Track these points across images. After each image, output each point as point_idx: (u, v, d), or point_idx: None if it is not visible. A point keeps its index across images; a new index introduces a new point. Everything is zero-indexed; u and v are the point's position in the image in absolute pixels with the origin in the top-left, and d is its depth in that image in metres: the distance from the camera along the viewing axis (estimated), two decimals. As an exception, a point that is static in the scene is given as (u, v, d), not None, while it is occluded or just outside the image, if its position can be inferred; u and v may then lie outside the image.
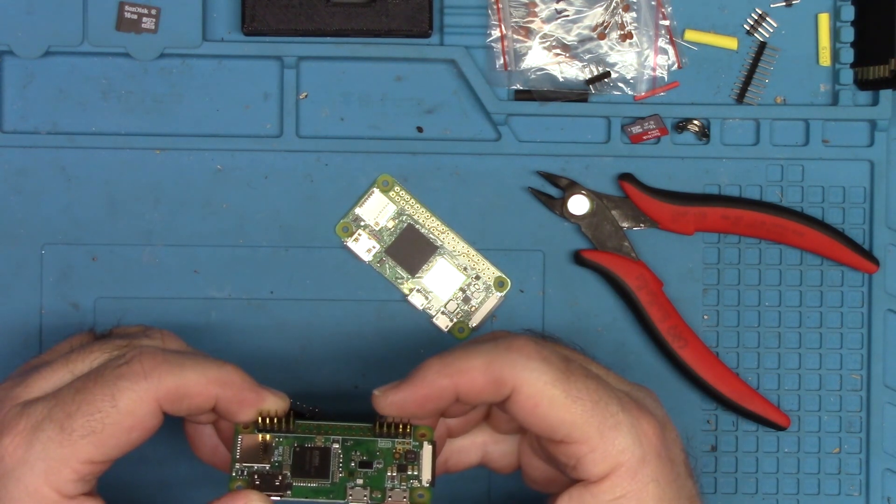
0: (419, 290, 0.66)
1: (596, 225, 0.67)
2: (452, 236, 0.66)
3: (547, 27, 0.66)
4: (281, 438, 0.57)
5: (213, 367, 0.55)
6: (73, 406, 0.52)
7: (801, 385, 0.67)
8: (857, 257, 0.66)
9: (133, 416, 0.53)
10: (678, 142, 0.67)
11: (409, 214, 0.66)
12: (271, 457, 0.56)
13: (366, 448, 0.57)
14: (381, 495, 0.57)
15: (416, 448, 0.57)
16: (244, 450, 0.56)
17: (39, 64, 0.66)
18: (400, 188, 0.66)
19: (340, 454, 0.57)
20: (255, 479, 0.56)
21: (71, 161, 0.66)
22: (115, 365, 0.53)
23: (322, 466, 0.57)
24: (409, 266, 0.66)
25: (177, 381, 0.53)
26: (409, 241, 0.66)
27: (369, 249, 0.66)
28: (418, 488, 0.57)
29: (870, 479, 0.67)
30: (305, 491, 0.56)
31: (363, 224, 0.66)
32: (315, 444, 0.57)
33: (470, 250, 0.66)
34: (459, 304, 0.66)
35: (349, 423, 0.58)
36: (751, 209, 0.66)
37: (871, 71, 0.65)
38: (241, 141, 0.66)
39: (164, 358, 0.54)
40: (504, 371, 0.54)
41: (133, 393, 0.53)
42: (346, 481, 0.57)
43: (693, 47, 0.67)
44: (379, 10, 0.65)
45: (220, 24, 0.66)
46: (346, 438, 0.57)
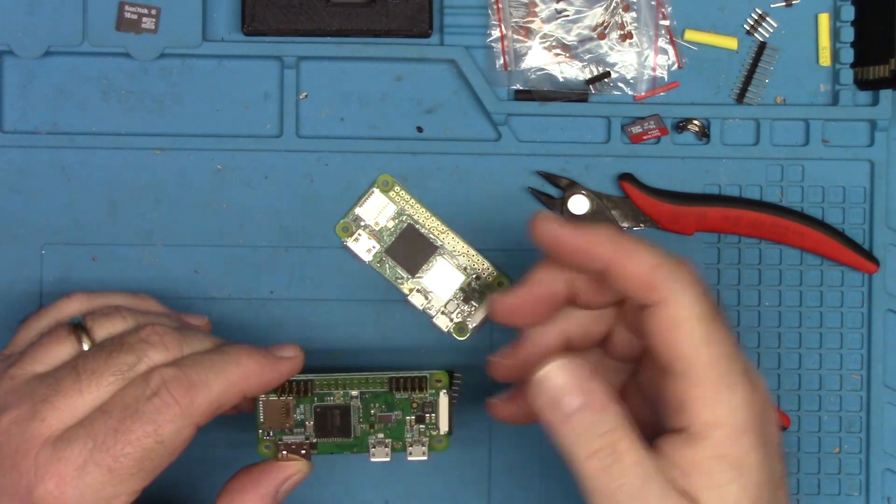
0: (419, 290, 0.66)
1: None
2: (452, 236, 0.66)
3: (547, 27, 0.66)
4: (300, 396, 0.58)
5: (232, 367, 0.55)
6: (117, 448, 0.53)
7: (801, 385, 0.67)
8: (857, 257, 0.66)
9: (175, 444, 0.54)
10: (678, 142, 0.67)
11: (409, 214, 0.66)
12: (293, 417, 0.58)
13: (384, 401, 0.59)
14: (401, 445, 0.59)
15: (433, 397, 0.59)
16: (267, 413, 0.58)
17: (39, 64, 0.66)
18: (400, 188, 0.66)
19: (360, 409, 0.59)
20: (282, 447, 0.58)
21: (71, 161, 0.66)
22: (145, 397, 0.53)
23: (344, 424, 0.59)
24: (409, 266, 0.66)
25: (210, 401, 0.55)
26: (409, 241, 0.66)
27: (369, 249, 0.66)
28: (437, 436, 0.59)
29: (870, 479, 0.67)
30: (329, 447, 0.59)
31: (363, 224, 0.66)
32: (335, 402, 0.59)
33: (470, 250, 0.66)
34: (459, 304, 0.66)
35: (366, 374, 0.59)
36: (751, 209, 0.66)
37: (871, 71, 0.65)
38: (241, 141, 0.66)
39: (189, 381, 0.54)
40: (665, 281, 0.52)
41: (174, 425, 0.54)
42: (368, 435, 0.59)
43: (693, 47, 0.67)
44: (379, 10, 0.65)
45: (220, 24, 0.66)
46: (364, 392, 0.58)
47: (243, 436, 0.63)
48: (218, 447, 0.65)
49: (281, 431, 0.59)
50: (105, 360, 0.55)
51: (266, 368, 0.57)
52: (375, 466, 0.67)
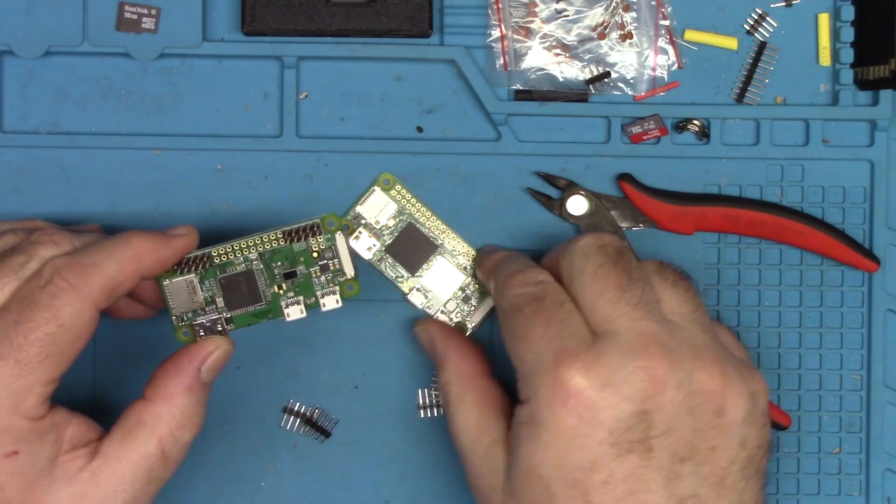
0: (419, 288, 0.66)
1: (595, 225, 0.67)
2: (452, 236, 0.66)
3: (547, 27, 0.66)
4: (203, 272, 0.59)
5: (123, 246, 0.57)
6: (20, 337, 0.54)
7: (801, 385, 0.67)
8: (857, 256, 0.66)
9: (78, 327, 0.55)
10: (678, 142, 0.67)
11: (410, 213, 0.66)
12: (201, 293, 0.59)
13: (284, 256, 0.60)
14: (314, 300, 0.61)
15: (331, 242, 0.60)
16: (174, 296, 0.59)
17: (39, 64, 0.66)
18: (401, 187, 0.66)
19: (264, 271, 0.59)
20: (199, 329, 0.60)
21: (71, 161, 0.66)
22: (39, 287, 0.55)
23: (251, 290, 0.60)
24: (409, 265, 0.66)
25: (105, 280, 0.56)
26: (409, 240, 0.66)
27: (370, 247, 0.66)
28: (345, 281, 0.60)
29: (870, 479, 0.67)
30: (246, 318, 0.60)
31: (364, 222, 0.66)
32: (237, 270, 0.60)
33: (470, 250, 0.66)
34: (459, 303, 0.66)
35: (258, 235, 0.60)
36: (751, 209, 0.66)
37: (871, 71, 0.65)
38: (241, 141, 0.66)
39: (80, 264, 0.55)
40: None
41: (72, 307, 0.55)
42: (278, 297, 0.60)
43: (693, 47, 0.67)
44: (379, 10, 0.65)
45: (220, 24, 0.66)
46: (263, 252, 0.59)
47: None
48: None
49: (194, 314, 0.60)
50: (0, 264, 0.56)
51: (158, 245, 0.58)
52: (374, 465, 0.67)
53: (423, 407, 0.67)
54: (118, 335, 0.66)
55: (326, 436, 0.66)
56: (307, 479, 0.67)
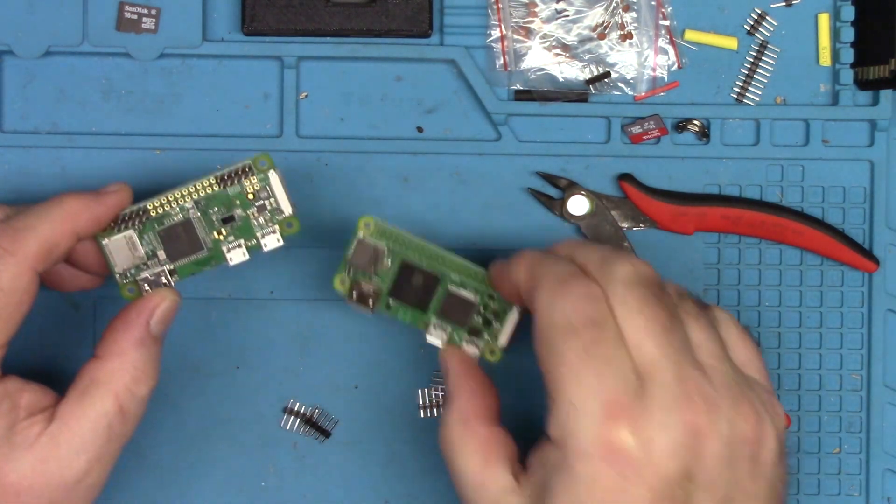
0: (436, 324, 0.62)
1: (596, 225, 0.67)
2: (451, 260, 0.61)
3: (547, 27, 0.66)
4: (140, 226, 0.60)
5: (55, 208, 0.57)
6: None
7: (801, 385, 0.67)
8: (857, 256, 0.66)
9: (18, 291, 0.55)
10: (678, 142, 0.67)
11: (400, 249, 0.61)
12: (141, 248, 0.60)
13: (220, 201, 0.60)
14: (255, 241, 0.60)
15: (265, 182, 0.60)
16: (114, 254, 0.60)
17: (39, 64, 0.66)
18: (384, 225, 0.61)
19: (202, 218, 0.60)
20: (144, 284, 0.60)
21: (71, 161, 0.66)
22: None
23: (191, 239, 0.60)
24: (419, 303, 0.62)
25: (40, 242, 0.56)
26: (409, 279, 0.61)
27: (371, 302, 0.62)
28: (284, 219, 0.60)
29: (870, 479, 0.67)
30: (190, 267, 0.60)
31: (359, 273, 0.61)
32: (176, 221, 0.60)
33: (475, 269, 0.62)
34: (482, 327, 0.62)
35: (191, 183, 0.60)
36: (751, 209, 0.66)
37: (871, 71, 0.65)
38: (241, 141, 0.66)
39: (13, 228, 0.56)
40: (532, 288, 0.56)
41: (9, 272, 0.55)
42: (219, 243, 0.60)
43: (693, 47, 0.67)
44: (379, 10, 0.65)
45: (220, 24, 0.66)
46: (199, 200, 0.59)
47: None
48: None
49: (137, 269, 0.60)
50: None
51: (91, 203, 0.58)
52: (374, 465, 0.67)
53: (423, 407, 0.67)
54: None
55: (326, 436, 0.66)
56: (307, 479, 0.67)
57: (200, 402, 0.66)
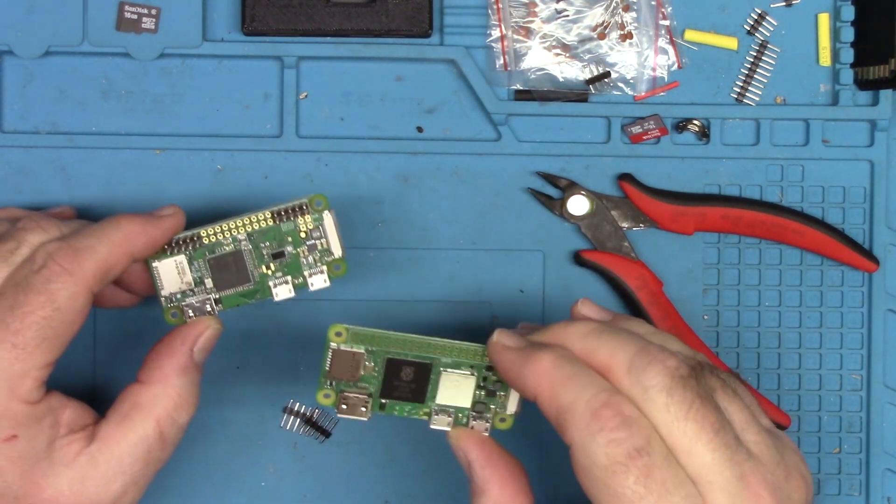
0: (437, 411, 0.59)
1: (596, 225, 0.67)
2: (437, 343, 0.58)
3: (547, 27, 0.66)
4: (192, 252, 0.60)
5: (113, 229, 0.57)
6: (16, 322, 0.54)
7: (801, 385, 0.67)
8: (857, 256, 0.66)
9: (73, 310, 0.55)
10: (678, 142, 0.67)
11: (381, 348, 0.58)
12: (190, 274, 0.60)
13: (272, 237, 0.60)
14: (302, 279, 0.60)
15: (318, 221, 0.60)
16: (163, 277, 0.60)
17: (39, 64, 0.66)
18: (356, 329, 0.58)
19: (252, 251, 0.60)
20: (188, 310, 0.60)
21: (71, 161, 0.66)
22: (33, 272, 0.55)
23: (240, 270, 0.60)
24: (413, 396, 0.59)
25: (98, 263, 0.56)
26: (398, 374, 0.58)
27: (363, 408, 0.59)
28: (333, 261, 0.60)
29: (870, 479, 0.67)
30: (235, 298, 0.60)
31: (341, 383, 0.59)
32: (226, 251, 0.60)
33: (462, 345, 0.58)
34: (486, 402, 0.58)
35: (246, 215, 0.60)
36: (751, 209, 0.66)
37: (871, 71, 0.65)
38: (241, 141, 0.66)
39: (73, 248, 0.56)
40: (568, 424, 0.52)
41: (66, 290, 0.55)
42: (267, 278, 0.60)
43: (693, 47, 0.67)
44: (379, 10, 0.65)
45: (220, 24, 0.66)
46: (252, 233, 0.60)
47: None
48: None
49: (183, 295, 0.60)
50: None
51: (147, 226, 0.58)
52: (374, 465, 0.67)
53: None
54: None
55: (326, 436, 0.66)
56: (307, 479, 0.67)
57: (200, 402, 0.66)
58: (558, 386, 0.52)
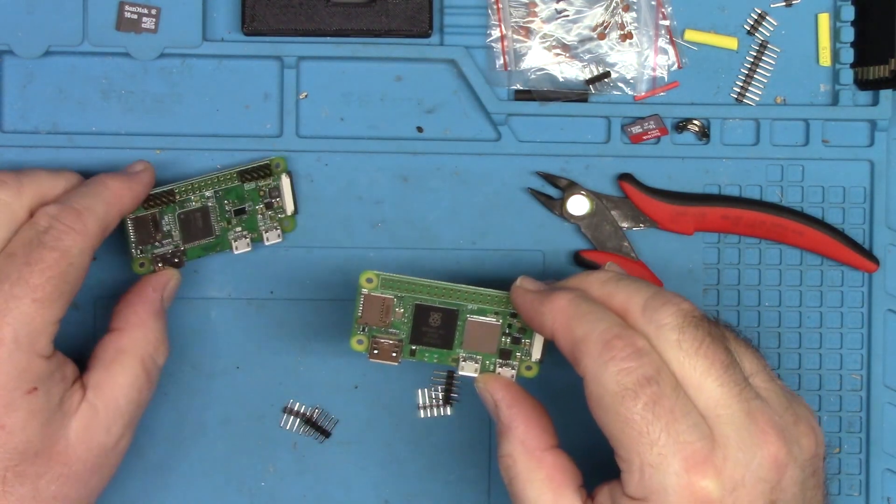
0: (465, 357, 0.61)
1: (596, 225, 0.67)
2: (463, 290, 0.61)
3: (547, 27, 0.66)
4: (164, 208, 0.63)
5: (104, 189, 0.60)
6: (34, 278, 0.56)
7: (801, 385, 0.67)
8: (857, 256, 0.66)
9: (83, 266, 0.58)
10: (678, 142, 0.67)
11: (409, 294, 0.61)
12: (161, 229, 0.63)
13: (235, 195, 0.64)
14: (257, 235, 0.65)
15: (277, 181, 0.64)
16: (136, 231, 0.63)
17: (39, 64, 0.66)
18: (386, 275, 0.60)
19: (217, 207, 0.63)
20: (156, 259, 0.63)
21: (71, 161, 0.66)
22: (41, 231, 0.57)
23: (205, 225, 0.64)
24: (442, 342, 0.61)
25: (98, 223, 0.59)
26: (427, 320, 0.61)
27: (394, 353, 0.61)
28: (285, 218, 0.65)
29: (870, 479, 0.67)
30: (196, 251, 0.64)
31: (373, 329, 0.61)
32: (193, 206, 0.63)
33: (490, 293, 0.61)
34: (512, 348, 0.61)
35: (215, 174, 0.64)
36: (751, 209, 0.66)
37: (871, 71, 0.65)
38: (241, 141, 0.66)
39: (75, 210, 0.58)
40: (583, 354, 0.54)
41: (78, 247, 0.57)
42: (227, 232, 0.64)
43: (693, 47, 0.67)
44: (379, 10, 0.65)
45: (220, 24, 0.66)
46: (218, 191, 0.63)
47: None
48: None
49: (151, 246, 0.63)
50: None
51: (130, 183, 0.61)
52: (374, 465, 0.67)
53: (422, 407, 0.67)
54: None
55: (326, 436, 0.66)
56: (307, 479, 0.67)
57: (200, 402, 0.66)
58: (574, 320, 0.55)
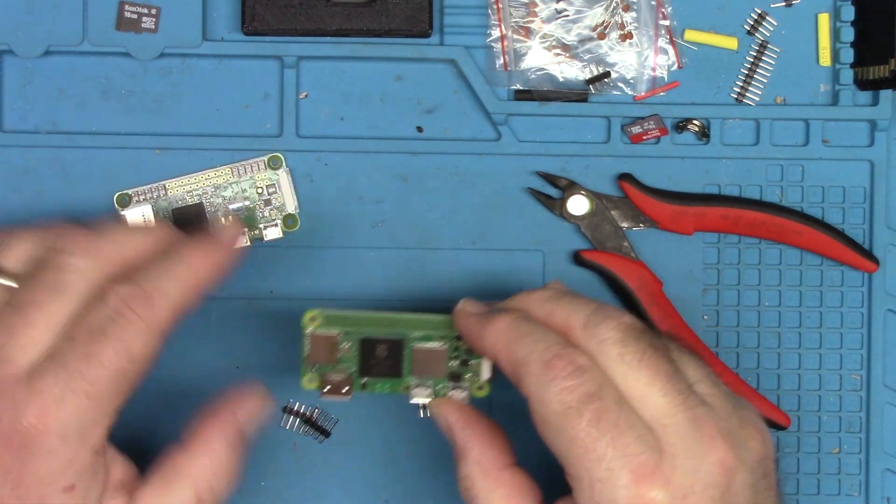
0: (415, 384, 0.60)
1: (595, 225, 0.67)
2: (407, 319, 0.60)
3: (547, 27, 0.66)
4: (157, 204, 0.63)
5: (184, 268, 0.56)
6: (90, 372, 0.53)
7: (801, 385, 0.67)
8: (856, 256, 0.66)
9: (147, 358, 0.54)
10: (678, 142, 0.67)
11: (354, 328, 0.60)
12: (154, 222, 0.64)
13: (231, 191, 0.63)
14: (257, 231, 0.65)
15: (275, 179, 0.64)
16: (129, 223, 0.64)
17: (39, 64, 0.66)
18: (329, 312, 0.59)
19: (212, 203, 0.63)
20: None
21: (71, 161, 0.66)
22: (108, 318, 0.54)
23: (200, 221, 0.63)
24: (391, 372, 0.60)
25: (172, 309, 0.55)
26: (374, 352, 0.60)
27: (345, 388, 0.60)
28: (287, 216, 0.64)
29: (870, 479, 0.67)
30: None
31: (322, 366, 0.60)
32: (188, 203, 0.63)
33: (433, 318, 0.60)
34: (460, 372, 0.60)
35: (209, 170, 0.63)
36: (751, 209, 0.66)
37: (871, 71, 0.65)
38: (240, 141, 0.66)
39: (147, 295, 0.54)
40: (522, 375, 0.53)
41: (142, 340, 0.54)
42: None
43: (693, 47, 0.67)
44: (379, 10, 0.65)
45: (220, 24, 0.66)
46: (213, 186, 0.63)
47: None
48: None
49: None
50: (35, 285, 0.54)
51: (215, 257, 0.57)
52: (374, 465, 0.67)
53: (422, 407, 0.67)
54: None
55: (326, 436, 0.66)
56: (307, 479, 0.67)
57: (200, 403, 0.66)
58: (514, 342, 0.54)
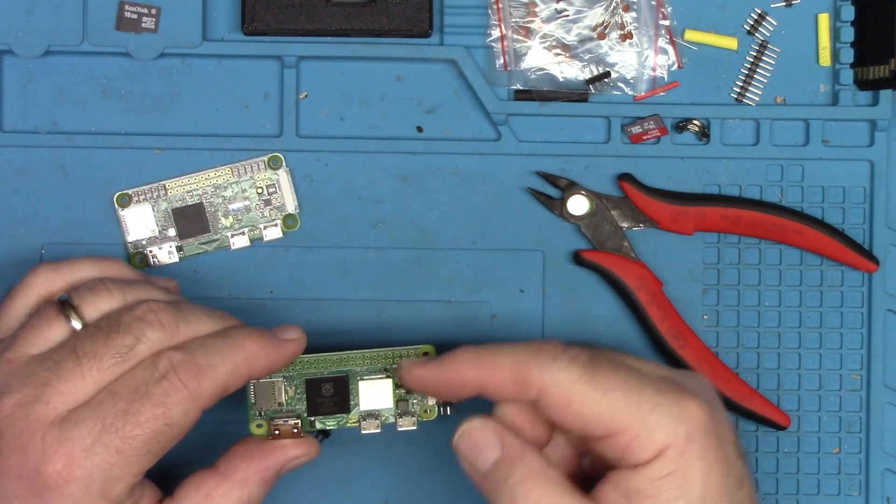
0: (365, 416, 0.61)
1: (595, 225, 0.67)
2: (349, 356, 0.61)
3: (547, 27, 0.66)
4: (157, 203, 0.64)
5: (238, 350, 0.57)
6: (126, 430, 0.54)
7: (801, 385, 0.67)
8: (856, 256, 0.66)
9: (183, 427, 0.55)
10: (678, 142, 0.67)
11: (297, 371, 0.61)
12: (154, 222, 0.64)
13: (231, 190, 0.64)
14: (257, 231, 0.64)
15: (275, 179, 0.64)
16: (129, 224, 0.64)
17: (39, 64, 0.66)
18: None
19: (212, 203, 0.64)
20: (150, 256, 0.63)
21: (71, 161, 0.66)
22: (154, 380, 0.54)
23: (201, 221, 0.64)
24: (339, 408, 0.61)
25: (217, 385, 0.56)
26: (319, 392, 0.61)
27: (295, 430, 0.60)
28: (287, 216, 0.64)
29: (870, 479, 0.67)
30: (195, 247, 0.64)
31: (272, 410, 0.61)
32: (188, 203, 0.64)
33: (373, 352, 0.62)
34: (407, 398, 0.62)
35: (210, 170, 0.64)
36: (751, 209, 0.66)
37: (871, 71, 0.65)
38: (240, 141, 0.66)
39: (197, 365, 0.55)
40: (530, 372, 0.53)
41: (183, 408, 0.55)
42: (225, 229, 0.64)
43: (693, 47, 0.67)
44: (379, 10, 0.65)
45: (220, 24, 0.66)
46: (212, 186, 0.63)
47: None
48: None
49: (148, 241, 0.63)
50: (104, 342, 0.55)
51: (270, 350, 0.58)
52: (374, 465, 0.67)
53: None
54: None
55: (326, 436, 0.66)
56: (307, 479, 0.67)
57: (200, 402, 0.66)
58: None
